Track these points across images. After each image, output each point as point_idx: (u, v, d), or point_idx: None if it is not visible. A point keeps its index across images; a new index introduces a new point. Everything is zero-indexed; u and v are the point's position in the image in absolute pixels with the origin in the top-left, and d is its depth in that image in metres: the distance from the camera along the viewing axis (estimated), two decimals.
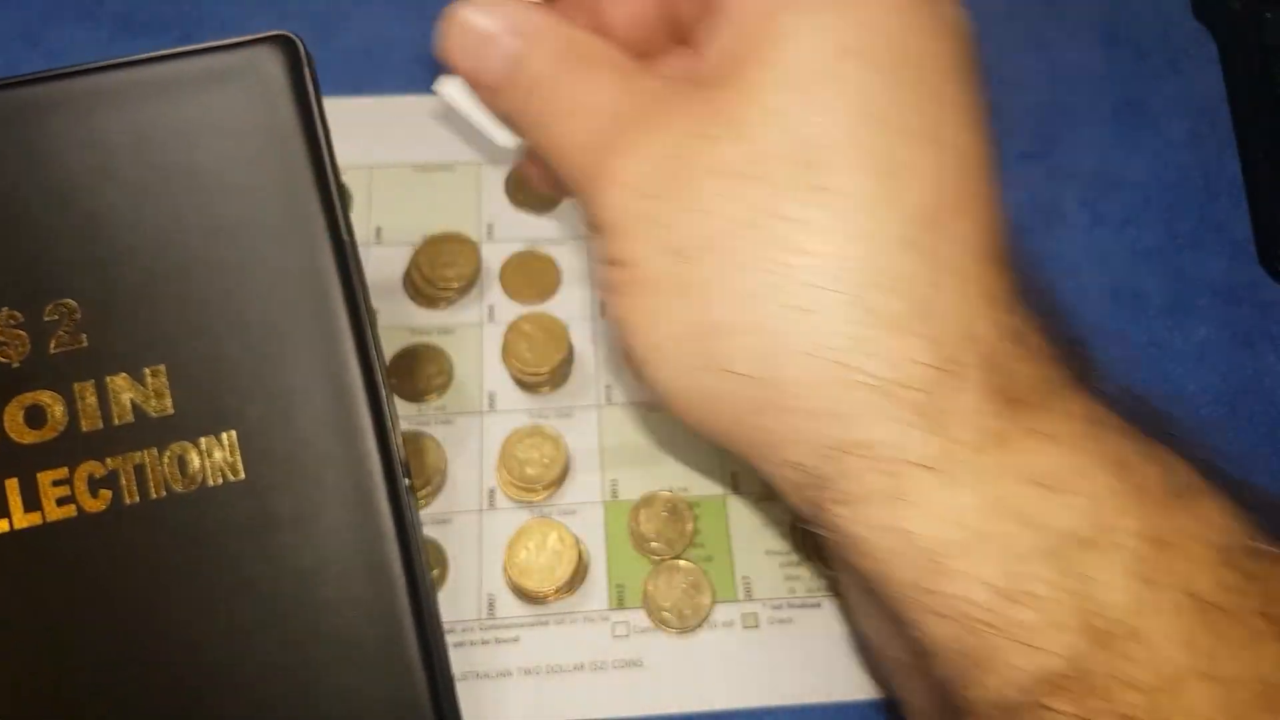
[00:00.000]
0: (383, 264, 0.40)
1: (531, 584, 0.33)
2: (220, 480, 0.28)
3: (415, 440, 0.35)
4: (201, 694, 0.27)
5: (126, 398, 0.28)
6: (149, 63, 0.29)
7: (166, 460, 0.28)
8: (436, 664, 0.29)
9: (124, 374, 0.28)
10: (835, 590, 0.34)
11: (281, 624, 0.28)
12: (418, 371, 0.37)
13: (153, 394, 0.28)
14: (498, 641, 0.34)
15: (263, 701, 0.28)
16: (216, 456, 0.28)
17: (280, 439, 0.28)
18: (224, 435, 0.28)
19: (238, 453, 0.28)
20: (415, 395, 0.37)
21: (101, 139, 0.28)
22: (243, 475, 0.28)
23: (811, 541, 0.34)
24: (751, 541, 0.35)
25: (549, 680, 0.33)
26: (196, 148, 0.29)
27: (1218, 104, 0.44)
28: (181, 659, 0.27)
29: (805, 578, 0.35)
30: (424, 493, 0.34)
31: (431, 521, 0.35)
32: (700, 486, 0.36)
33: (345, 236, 0.29)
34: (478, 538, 0.35)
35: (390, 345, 0.38)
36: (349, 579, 0.28)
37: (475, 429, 0.37)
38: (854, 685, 0.33)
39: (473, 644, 0.33)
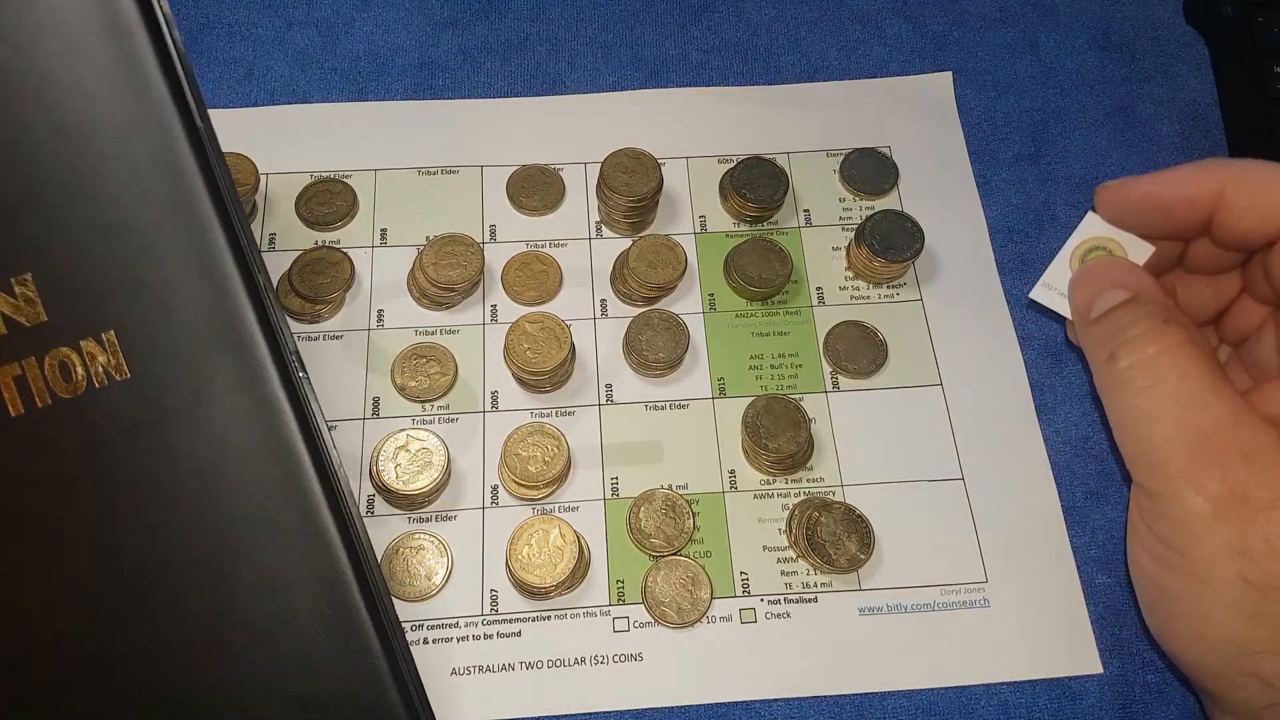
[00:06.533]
0: (387, 265, 0.40)
1: (533, 579, 0.34)
2: (105, 381, 0.27)
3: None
4: (119, 591, 0.27)
5: None
6: None
7: (47, 368, 0.27)
8: (354, 536, 0.28)
9: None
10: (831, 585, 0.35)
11: (190, 513, 0.27)
12: (422, 369, 0.38)
13: (23, 303, 0.27)
14: (500, 635, 0.34)
15: (183, 589, 0.27)
16: (99, 359, 0.27)
17: (161, 333, 0.27)
18: (103, 336, 0.27)
19: (119, 352, 0.27)
20: (420, 393, 0.38)
21: None
22: (128, 374, 0.27)
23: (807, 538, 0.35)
24: (749, 538, 0.36)
25: (550, 673, 0.34)
26: (31, 47, 0.27)
27: (1209, 107, 0.45)
28: (92, 562, 0.27)
29: (801, 573, 0.35)
30: (429, 491, 0.35)
31: (435, 518, 0.36)
32: (699, 484, 0.37)
33: (200, 123, 0.28)
34: (480, 534, 0.36)
35: (395, 345, 0.39)
36: (251, 462, 0.28)
37: (478, 427, 0.38)
38: (849, 678, 0.34)
39: (476, 638, 0.34)
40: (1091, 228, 0.32)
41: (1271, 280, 0.30)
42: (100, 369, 0.27)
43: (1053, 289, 0.32)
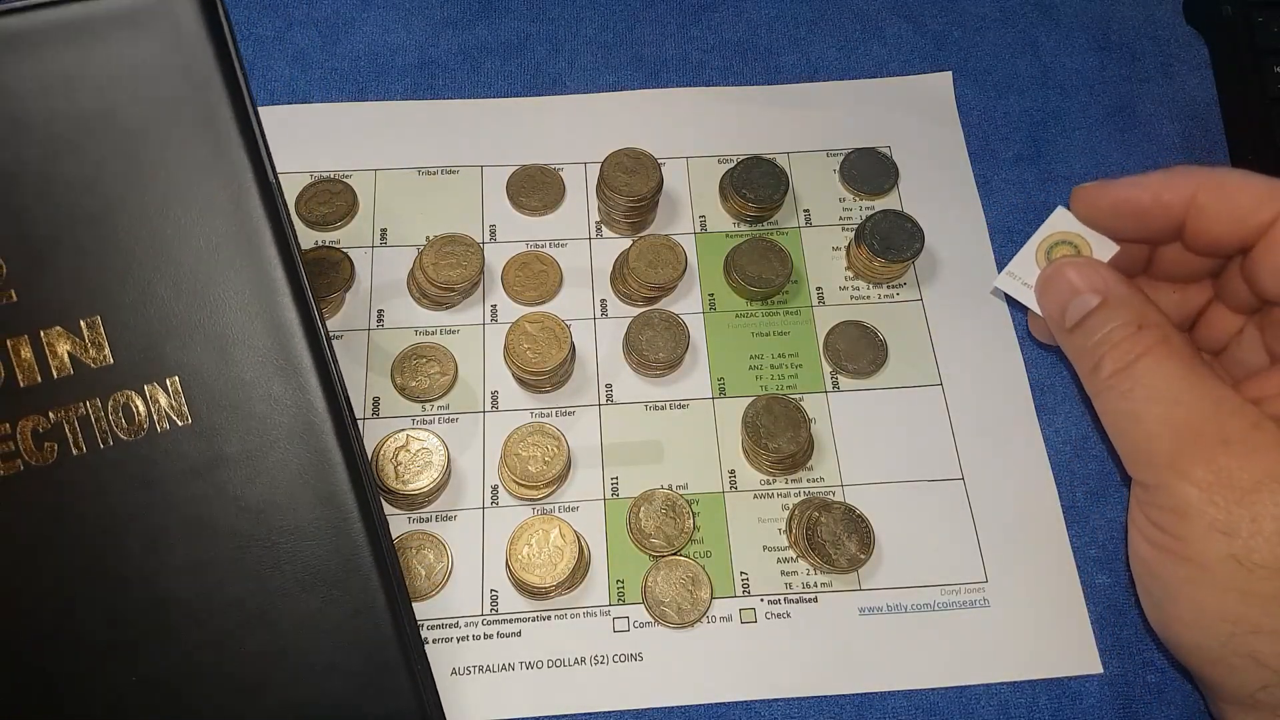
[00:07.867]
0: (387, 265, 0.40)
1: (533, 579, 0.34)
2: (167, 426, 0.28)
3: None
4: (166, 628, 0.28)
5: (63, 350, 0.27)
6: (54, 5, 0.28)
7: (111, 410, 0.28)
8: (394, 581, 0.30)
9: (58, 327, 0.27)
10: (831, 585, 0.35)
11: (240, 557, 0.28)
12: (422, 369, 0.38)
13: (90, 345, 0.28)
14: (500, 635, 0.34)
15: (227, 630, 0.28)
16: (162, 403, 0.28)
17: (223, 380, 0.28)
18: (168, 381, 0.28)
19: (182, 397, 0.28)
20: (420, 395, 0.38)
21: (9, 87, 0.27)
22: (189, 419, 0.28)
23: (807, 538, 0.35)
24: (749, 538, 0.36)
25: (550, 673, 0.34)
26: (111, 93, 0.28)
27: (1209, 107, 0.45)
28: (142, 598, 0.28)
29: (801, 573, 0.35)
30: (429, 491, 0.35)
31: (435, 518, 0.36)
32: (699, 484, 0.37)
33: (271, 177, 0.29)
34: (480, 534, 0.36)
35: (395, 345, 0.39)
36: (303, 509, 0.29)
37: (478, 427, 0.38)
38: (849, 678, 0.34)
39: (476, 638, 0.34)
40: (1059, 222, 0.32)
41: (1254, 284, 0.30)
42: (163, 413, 0.28)
43: (1017, 279, 0.33)
